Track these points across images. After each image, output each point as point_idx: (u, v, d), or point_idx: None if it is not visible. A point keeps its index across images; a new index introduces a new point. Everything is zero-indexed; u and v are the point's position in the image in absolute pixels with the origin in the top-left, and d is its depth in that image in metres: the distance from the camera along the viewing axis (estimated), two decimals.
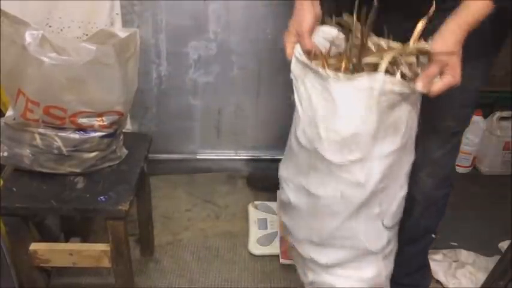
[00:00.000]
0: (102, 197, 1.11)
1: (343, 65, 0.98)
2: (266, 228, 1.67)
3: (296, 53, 1.01)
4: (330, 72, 0.90)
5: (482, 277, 1.46)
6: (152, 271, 1.52)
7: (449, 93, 0.92)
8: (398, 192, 1.06)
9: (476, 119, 1.92)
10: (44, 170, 1.14)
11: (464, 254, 1.58)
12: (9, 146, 1.12)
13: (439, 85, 0.90)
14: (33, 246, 1.16)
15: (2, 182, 1.14)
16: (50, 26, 1.41)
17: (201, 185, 1.90)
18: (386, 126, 0.94)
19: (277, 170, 1.88)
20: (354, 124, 0.92)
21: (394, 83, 0.89)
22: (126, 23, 1.57)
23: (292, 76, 1.01)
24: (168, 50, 1.68)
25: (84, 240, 1.54)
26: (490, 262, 1.50)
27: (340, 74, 0.90)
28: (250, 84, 1.78)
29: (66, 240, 1.52)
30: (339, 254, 1.10)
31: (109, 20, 1.46)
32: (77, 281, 1.46)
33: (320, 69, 0.91)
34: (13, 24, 0.97)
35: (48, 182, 1.14)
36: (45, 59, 0.96)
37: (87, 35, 1.42)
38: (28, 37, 0.95)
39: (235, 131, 1.91)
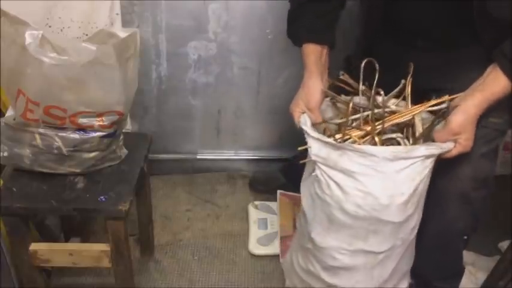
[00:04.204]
0: (102, 197, 1.11)
1: (369, 131, 1.07)
2: (266, 228, 1.67)
3: (312, 133, 1.07)
4: (381, 151, 0.99)
5: (482, 277, 1.47)
6: (152, 271, 1.52)
7: None
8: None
9: None
10: (44, 170, 1.14)
11: (465, 254, 1.58)
12: (9, 146, 1.11)
13: (452, 154, 1.03)
14: (33, 246, 1.16)
15: (2, 182, 1.14)
16: (50, 26, 1.41)
17: (201, 185, 1.90)
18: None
19: (277, 170, 1.90)
20: (413, 186, 1.02)
21: (441, 147, 1.01)
22: (126, 23, 1.57)
23: (315, 158, 1.06)
24: (168, 50, 1.68)
25: (84, 240, 1.54)
26: (490, 262, 1.50)
27: (392, 150, 0.99)
28: (250, 84, 1.78)
29: (66, 240, 1.52)
30: (392, 285, 1.23)
31: (109, 20, 1.46)
32: (77, 281, 1.46)
33: (372, 150, 0.99)
34: (13, 24, 0.97)
35: (48, 182, 1.14)
36: (45, 59, 0.96)
37: (87, 35, 1.42)
38: (28, 37, 0.95)
39: (235, 131, 1.91)
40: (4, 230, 1.16)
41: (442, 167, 1.09)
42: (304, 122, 1.10)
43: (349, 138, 1.06)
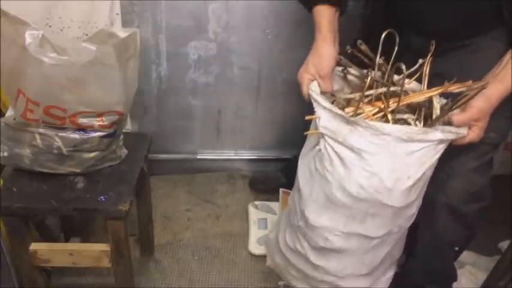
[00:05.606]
0: (102, 197, 1.11)
1: (382, 108, 1.01)
2: (266, 228, 1.67)
3: (323, 103, 0.99)
4: (395, 130, 0.94)
5: (482, 277, 1.47)
6: (152, 271, 1.52)
7: None
8: None
9: None
10: (44, 170, 1.14)
11: (465, 254, 1.58)
12: (9, 146, 1.11)
13: (465, 140, 0.99)
14: (33, 246, 1.16)
15: (2, 182, 1.14)
16: (50, 26, 1.41)
17: (201, 185, 1.90)
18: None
19: (277, 170, 1.89)
20: (422, 170, 0.98)
21: (457, 132, 0.98)
22: (126, 23, 1.57)
23: (323, 130, 1.00)
24: (168, 50, 1.68)
25: (84, 240, 1.54)
26: (490, 262, 1.50)
27: (407, 130, 0.94)
28: (250, 84, 1.78)
29: (66, 240, 1.52)
30: (381, 272, 1.21)
31: (109, 20, 1.46)
32: (77, 281, 1.46)
33: (386, 128, 0.94)
34: (13, 24, 0.97)
35: (48, 182, 1.14)
36: (45, 59, 0.96)
37: (87, 35, 1.42)
38: (28, 37, 0.95)
39: (235, 131, 1.91)
40: (4, 230, 1.16)
41: (434, 178, 1.07)
42: (315, 90, 1.03)
43: (361, 114, 1.00)
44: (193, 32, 1.65)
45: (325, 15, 1.06)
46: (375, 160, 0.96)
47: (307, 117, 1.02)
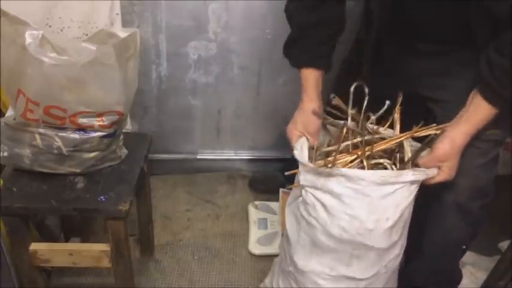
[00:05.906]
0: (102, 197, 1.11)
1: (358, 155, 1.07)
2: (266, 228, 1.67)
3: (303, 161, 1.06)
4: (369, 175, 0.98)
5: (482, 277, 1.47)
6: (152, 271, 1.53)
7: None
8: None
9: None
10: (44, 170, 1.14)
11: (465, 254, 1.58)
12: (9, 146, 1.11)
13: (435, 180, 1.03)
14: (33, 246, 1.16)
15: (2, 182, 1.14)
16: (50, 26, 1.41)
17: (201, 185, 1.91)
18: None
19: (277, 170, 1.89)
20: (399, 211, 1.02)
21: (428, 174, 1.02)
22: (126, 23, 1.57)
23: (303, 182, 1.06)
24: (168, 50, 1.68)
25: (84, 240, 1.54)
26: (490, 262, 1.50)
27: (381, 174, 0.99)
28: (250, 84, 1.78)
29: (66, 240, 1.52)
30: None
31: (109, 20, 1.46)
32: (77, 281, 1.46)
33: (360, 174, 0.99)
34: (13, 24, 0.97)
35: (48, 182, 1.14)
36: (45, 59, 0.96)
37: (87, 35, 1.42)
38: (28, 37, 0.95)
39: (235, 131, 1.91)
40: (4, 230, 1.16)
41: None
42: (299, 148, 1.10)
43: (339, 162, 1.07)
44: (193, 32, 1.65)
45: (310, 79, 1.15)
46: (354, 203, 1.01)
47: (286, 173, 1.15)
